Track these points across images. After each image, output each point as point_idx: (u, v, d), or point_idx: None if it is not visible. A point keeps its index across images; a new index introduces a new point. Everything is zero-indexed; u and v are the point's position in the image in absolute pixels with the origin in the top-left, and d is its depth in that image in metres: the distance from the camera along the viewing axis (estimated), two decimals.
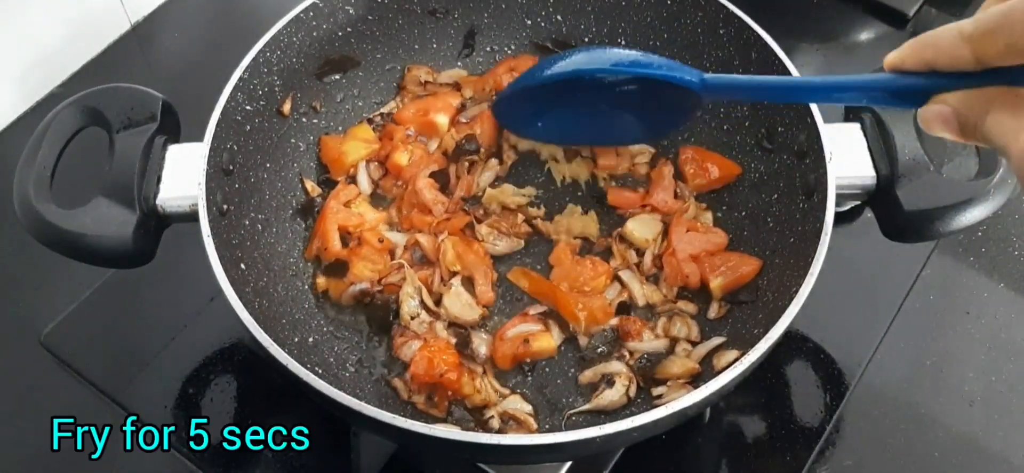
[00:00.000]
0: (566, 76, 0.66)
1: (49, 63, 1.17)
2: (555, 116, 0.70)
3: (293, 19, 0.94)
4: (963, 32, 0.51)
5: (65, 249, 0.78)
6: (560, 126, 0.71)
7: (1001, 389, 0.92)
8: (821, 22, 1.27)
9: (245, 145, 0.90)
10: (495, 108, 0.72)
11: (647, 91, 0.65)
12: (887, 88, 0.57)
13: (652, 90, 0.64)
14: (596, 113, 0.69)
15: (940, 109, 0.54)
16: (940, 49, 0.53)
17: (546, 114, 0.71)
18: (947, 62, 0.53)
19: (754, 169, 0.96)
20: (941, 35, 0.53)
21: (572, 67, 0.66)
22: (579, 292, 0.90)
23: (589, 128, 0.71)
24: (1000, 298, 0.99)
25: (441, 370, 0.83)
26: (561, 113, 0.70)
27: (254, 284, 0.84)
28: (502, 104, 0.71)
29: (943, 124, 0.54)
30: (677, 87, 0.63)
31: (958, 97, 0.53)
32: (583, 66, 0.66)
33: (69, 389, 0.92)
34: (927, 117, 0.55)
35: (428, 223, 0.95)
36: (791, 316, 0.72)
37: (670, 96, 0.64)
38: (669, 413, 0.68)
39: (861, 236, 0.95)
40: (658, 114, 0.68)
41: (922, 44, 0.54)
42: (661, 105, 0.66)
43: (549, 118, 0.71)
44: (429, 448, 0.81)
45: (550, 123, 0.71)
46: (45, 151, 0.80)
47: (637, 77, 0.64)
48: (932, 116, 0.55)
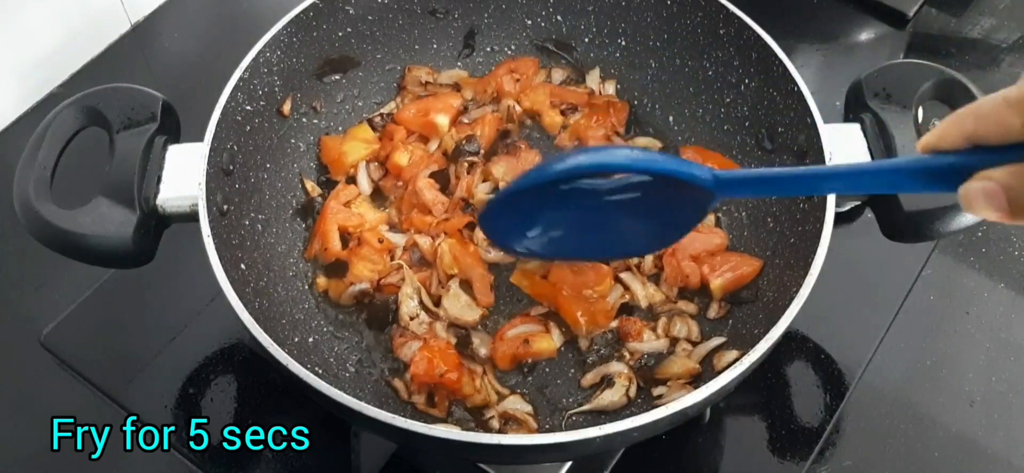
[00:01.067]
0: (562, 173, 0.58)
1: (49, 63, 1.17)
2: (551, 227, 0.65)
3: (293, 19, 0.94)
4: (1008, 98, 0.47)
5: (65, 249, 0.78)
6: (557, 238, 0.65)
7: (1001, 389, 0.92)
8: (821, 22, 1.27)
9: (245, 145, 0.90)
10: (482, 219, 0.66)
11: (652, 192, 0.60)
12: (924, 170, 0.51)
13: (658, 190, 0.59)
14: (596, 222, 0.63)
15: (986, 186, 0.48)
16: (983, 118, 0.48)
17: (541, 224, 0.65)
18: (992, 132, 0.48)
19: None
20: (983, 105, 0.48)
21: (569, 164, 0.60)
22: (580, 296, 0.90)
23: (588, 240, 0.65)
24: (1000, 298, 0.99)
25: (441, 370, 0.83)
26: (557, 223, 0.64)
27: (254, 284, 0.84)
28: (489, 215, 0.64)
29: (988, 201, 0.48)
30: (685, 184, 0.56)
31: (1006, 172, 0.47)
32: (582, 162, 0.60)
33: (69, 389, 0.92)
34: (970, 195, 0.48)
35: (428, 223, 0.95)
36: (791, 316, 0.72)
37: (678, 196, 0.58)
38: (669, 413, 0.68)
39: (861, 236, 0.95)
40: (665, 218, 0.61)
41: (961, 117, 0.49)
42: (668, 208, 0.60)
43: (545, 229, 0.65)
44: (429, 448, 0.81)
45: (546, 235, 0.66)
46: (45, 151, 0.80)
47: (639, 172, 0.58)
48: (975, 193, 0.48)
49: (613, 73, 1.08)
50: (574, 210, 0.61)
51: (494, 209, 0.65)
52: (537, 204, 0.62)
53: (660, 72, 1.04)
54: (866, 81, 0.87)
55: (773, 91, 0.91)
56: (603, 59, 1.08)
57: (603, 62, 1.08)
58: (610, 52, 1.07)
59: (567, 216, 0.62)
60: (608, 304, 0.90)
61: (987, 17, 1.27)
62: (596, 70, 1.08)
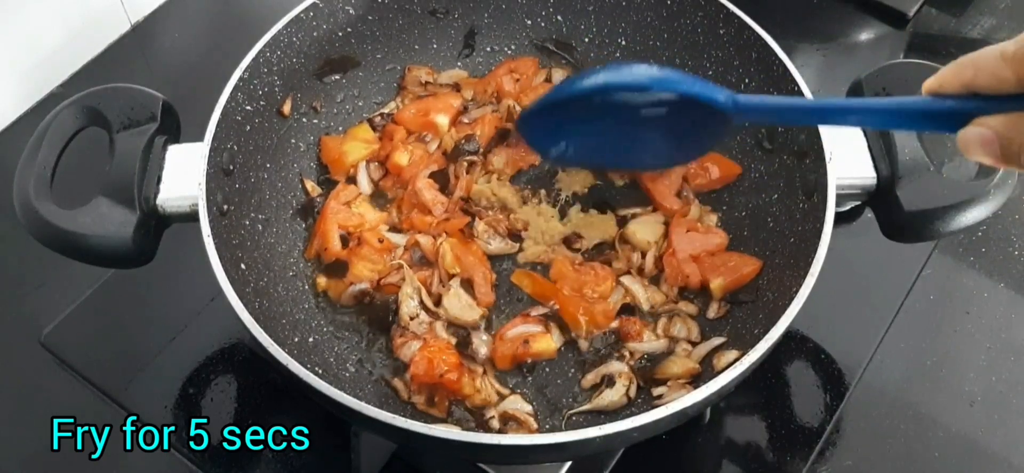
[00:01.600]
0: (593, 90, 0.65)
1: (49, 63, 1.17)
2: (580, 136, 0.69)
3: (293, 19, 0.94)
4: (1005, 53, 0.50)
5: (65, 249, 0.78)
6: (585, 147, 0.69)
7: (1001, 389, 0.92)
8: (821, 22, 1.27)
9: (245, 145, 0.90)
10: (520, 124, 0.71)
11: (675, 111, 0.63)
12: (926, 111, 0.55)
13: (681, 110, 0.63)
14: (622, 134, 0.67)
15: (981, 132, 0.51)
16: (981, 69, 0.51)
17: (571, 133, 0.70)
18: (988, 83, 0.51)
19: (754, 169, 0.96)
20: (982, 55, 0.51)
21: (600, 81, 0.64)
22: (582, 296, 0.90)
23: (614, 150, 0.69)
24: (1000, 298, 0.99)
25: (441, 370, 0.83)
26: (586, 133, 0.68)
27: (254, 284, 0.84)
28: (527, 120, 0.70)
29: (983, 147, 0.51)
30: (706, 106, 0.62)
31: (1000, 120, 0.50)
32: (611, 79, 0.65)
33: (69, 389, 0.92)
34: (967, 140, 0.52)
35: (428, 223, 0.95)
36: (791, 316, 0.72)
37: (699, 116, 0.62)
38: (669, 413, 0.68)
39: (861, 236, 0.95)
40: (686, 136, 0.66)
41: (962, 65, 0.52)
42: (690, 126, 0.64)
43: (574, 137, 0.70)
44: (429, 448, 0.81)
45: (575, 142, 0.70)
46: (45, 151, 0.80)
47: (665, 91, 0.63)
48: (972, 138, 0.52)
49: None
50: (603, 121, 0.65)
51: (531, 116, 0.69)
52: (570, 114, 0.66)
53: None
54: (866, 81, 0.87)
55: (773, 91, 0.91)
56: (603, 59, 1.08)
57: (603, 62, 1.08)
58: (610, 52, 1.07)
59: (597, 126, 0.66)
60: (609, 305, 0.90)
61: (987, 17, 1.27)
62: None
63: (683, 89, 0.61)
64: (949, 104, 0.53)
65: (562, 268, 0.92)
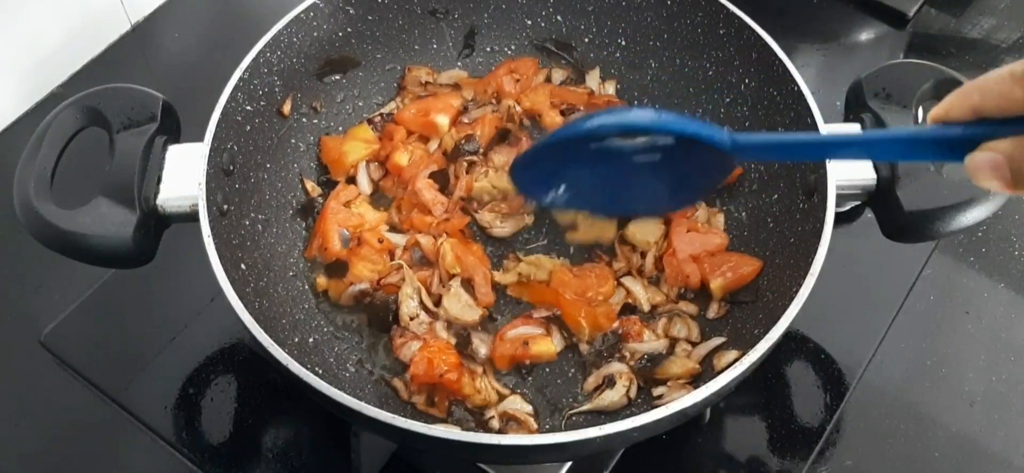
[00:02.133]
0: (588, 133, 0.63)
1: (49, 63, 1.17)
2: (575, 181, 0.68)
3: (293, 19, 0.94)
4: (1015, 73, 0.48)
5: (65, 249, 0.78)
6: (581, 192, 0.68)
7: (1001, 389, 0.92)
8: (821, 22, 1.27)
9: (245, 145, 0.90)
10: (512, 172, 0.69)
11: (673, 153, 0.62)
12: (932, 140, 0.54)
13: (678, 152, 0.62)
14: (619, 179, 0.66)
15: (990, 157, 0.49)
16: (987, 92, 0.50)
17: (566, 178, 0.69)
18: (997, 104, 0.49)
19: (754, 169, 0.96)
20: (988, 78, 0.50)
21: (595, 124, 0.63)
22: (583, 299, 0.90)
23: (611, 196, 0.68)
24: (1000, 298, 0.99)
25: (441, 370, 0.83)
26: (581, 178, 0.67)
27: (254, 284, 0.84)
28: (520, 167, 0.69)
29: (993, 172, 0.49)
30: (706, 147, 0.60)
31: (1010, 143, 0.49)
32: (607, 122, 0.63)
33: (69, 389, 0.91)
34: (976, 165, 0.50)
35: (428, 223, 0.95)
36: (791, 316, 0.72)
37: (697, 158, 0.61)
38: (669, 413, 0.68)
39: (861, 236, 0.95)
40: (684, 180, 0.64)
41: (967, 90, 0.51)
42: (688, 169, 0.62)
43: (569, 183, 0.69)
44: (429, 448, 0.81)
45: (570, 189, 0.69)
46: (45, 151, 0.80)
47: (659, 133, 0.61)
48: (981, 164, 0.50)
49: (613, 73, 1.08)
50: (599, 166, 0.64)
51: (524, 161, 0.68)
52: (564, 159, 0.65)
53: (660, 72, 1.04)
54: (866, 81, 0.87)
55: (773, 91, 0.91)
56: (603, 59, 1.08)
57: (603, 62, 1.08)
58: (610, 52, 1.07)
59: (592, 171, 0.65)
60: (611, 306, 0.90)
61: (987, 17, 1.27)
62: (596, 70, 1.08)
63: (681, 129, 0.60)
64: (956, 131, 0.52)
65: (562, 275, 0.92)
